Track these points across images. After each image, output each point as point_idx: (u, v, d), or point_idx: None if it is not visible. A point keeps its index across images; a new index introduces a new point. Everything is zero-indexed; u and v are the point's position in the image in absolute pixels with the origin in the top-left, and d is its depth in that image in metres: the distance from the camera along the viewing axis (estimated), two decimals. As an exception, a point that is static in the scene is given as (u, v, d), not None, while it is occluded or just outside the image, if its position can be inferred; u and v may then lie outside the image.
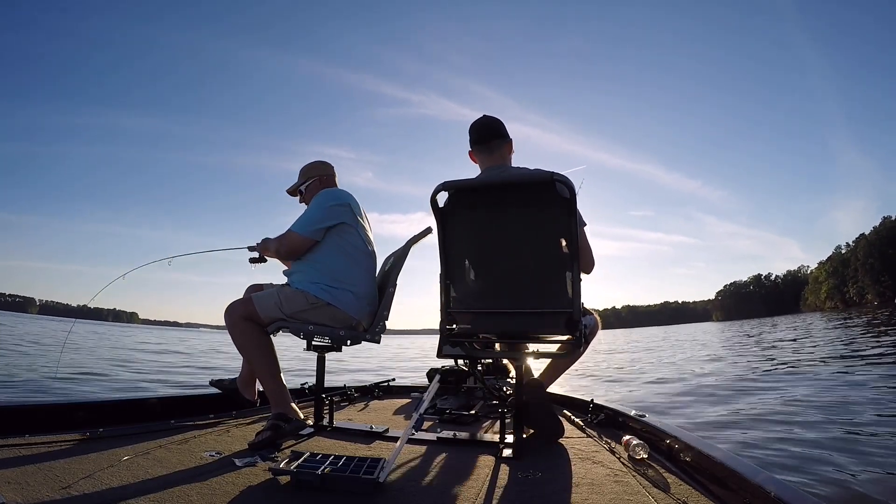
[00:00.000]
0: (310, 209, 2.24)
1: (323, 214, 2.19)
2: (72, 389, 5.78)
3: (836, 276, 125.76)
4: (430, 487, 1.48)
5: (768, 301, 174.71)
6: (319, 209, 2.20)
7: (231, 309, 2.05)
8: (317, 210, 2.20)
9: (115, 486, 1.36)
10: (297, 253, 2.24)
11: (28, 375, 6.53)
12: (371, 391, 3.25)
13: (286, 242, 2.20)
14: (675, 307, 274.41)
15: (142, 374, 7.98)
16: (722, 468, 1.42)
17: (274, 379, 2.04)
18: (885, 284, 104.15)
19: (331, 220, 2.18)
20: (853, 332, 12.80)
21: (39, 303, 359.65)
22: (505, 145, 2.08)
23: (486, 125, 2.08)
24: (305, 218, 2.21)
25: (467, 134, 2.11)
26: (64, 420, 1.97)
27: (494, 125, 2.08)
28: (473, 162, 2.13)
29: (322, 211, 2.19)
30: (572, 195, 1.64)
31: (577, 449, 1.92)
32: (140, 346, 16.92)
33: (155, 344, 19.56)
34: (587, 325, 1.99)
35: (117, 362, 9.79)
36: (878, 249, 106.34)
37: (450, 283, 1.90)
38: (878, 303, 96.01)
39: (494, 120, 2.10)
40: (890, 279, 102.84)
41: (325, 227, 2.18)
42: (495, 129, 2.08)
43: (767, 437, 3.41)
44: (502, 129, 2.08)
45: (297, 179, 2.42)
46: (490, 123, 2.09)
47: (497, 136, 2.07)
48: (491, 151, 2.06)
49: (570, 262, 1.71)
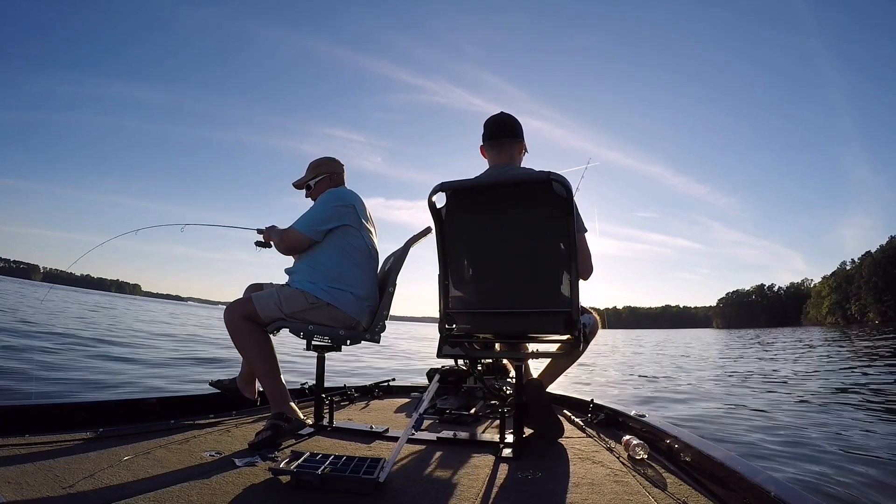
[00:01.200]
0: (315, 208, 2.23)
1: (327, 215, 2.18)
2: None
3: (839, 292, 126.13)
4: (429, 487, 1.48)
5: (769, 312, 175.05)
6: (324, 209, 2.20)
7: (231, 309, 2.05)
8: (321, 210, 2.20)
9: (116, 486, 1.36)
10: (295, 250, 2.25)
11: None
12: (371, 391, 3.25)
13: (287, 238, 2.21)
14: (675, 311, 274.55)
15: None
16: (722, 468, 1.42)
17: (274, 379, 2.04)
18: (888, 304, 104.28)
19: (334, 222, 2.18)
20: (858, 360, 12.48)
21: (43, 270, 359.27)
22: (516, 145, 2.06)
23: (501, 122, 2.07)
24: (309, 216, 2.21)
25: (478, 125, 2.10)
26: (64, 420, 1.97)
27: (509, 123, 2.07)
28: (483, 157, 2.12)
29: (326, 211, 2.19)
30: (569, 195, 1.64)
31: (577, 449, 1.92)
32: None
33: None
34: (587, 324, 1.99)
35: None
36: (884, 268, 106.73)
37: (448, 284, 1.91)
38: (880, 321, 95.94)
39: (510, 118, 2.08)
40: (893, 298, 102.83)
41: (327, 229, 2.18)
42: (508, 127, 2.06)
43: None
44: (516, 129, 2.07)
45: (306, 174, 2.41)
46: (505, 121, 2.07)
47: (509, 134, 2.05)
48: (500, 149, 2.05)
49: (568, 261, 1.71)
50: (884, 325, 70.12)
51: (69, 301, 25.93)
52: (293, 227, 2.21)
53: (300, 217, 2.23)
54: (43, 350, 6.52)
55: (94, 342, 8.15)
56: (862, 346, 18.19)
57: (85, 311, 18.72)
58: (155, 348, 8.50)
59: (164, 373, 5.86)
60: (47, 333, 8.42)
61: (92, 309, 20.43)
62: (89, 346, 7.50)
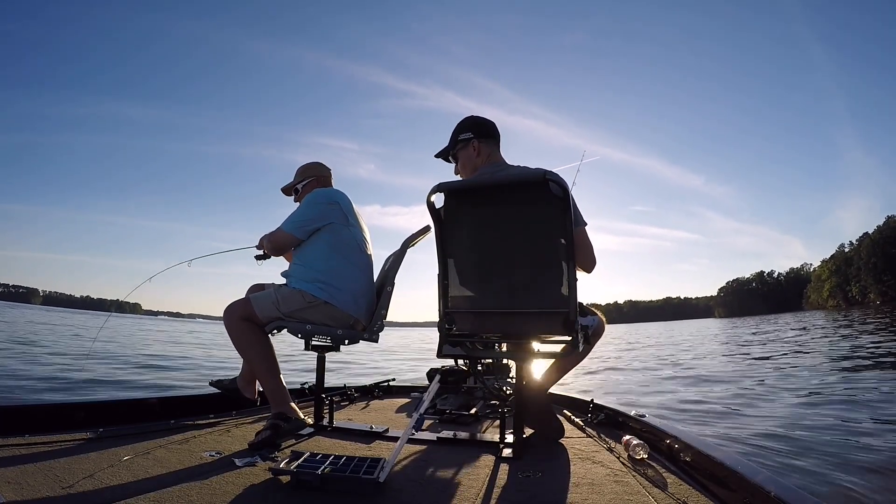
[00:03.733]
0: (301, 208, 2.26)
1: (313, 214, 2.20)
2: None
3: (838, 275, 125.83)
4: (429, 487, 1.48)
5: (771, 299, 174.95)
6: (308, 208, 2.21)
7: (230, 310, 2.05)
8: (307, 210, 2.22)
9: (115, 486, 1.36)
10: (283, 250, 2.31)
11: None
12: (371, 391, 3.25)
13: (274, 239, 2.26)
14: (676, 303, 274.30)
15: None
16: (722, 468, 1.42)
17: (273, 378, 2.04)
18: (888, 283, 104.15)
19: (320, 221, 2.19)
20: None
21: (43, 293, 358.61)
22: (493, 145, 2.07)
23: (484, 123, 2.07)
24: (295, 217, 2.23)
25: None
26: (64, 420, 1.97)
27: (488, 123, 2.08)
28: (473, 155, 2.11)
29: (311, 210, 2.20)
30: (566, 194, 1.64)
31: (577, 449, 1.92)
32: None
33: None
34: (590, 325, 1.98)
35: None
36: (882, 249, 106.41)
37: (447, 284, 1.91)
38: (881, 302, 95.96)
39: (482, 118, 2.09)
40: (892, 278, 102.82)
41: (313, 228, 2.19)
42: (490, 127, 2.07)
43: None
44: (491, 129, 2.08)
45: (294, 178, 2.43)
46: (486, 122, 2.08)
47: (495, 135, 2.07)
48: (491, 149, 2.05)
49: (566, 261, 1.71)
50: (885, 305, 69.88)
51: (94, 325, 24.79)
52: (280, 227, 2.24)
53: (287, 218, 2.25)
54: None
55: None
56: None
57: (146, 335, 17.98)
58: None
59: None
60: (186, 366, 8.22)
61: (145, 332, 19.30)
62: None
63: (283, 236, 2.22)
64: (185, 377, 6.92)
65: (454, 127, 2.10)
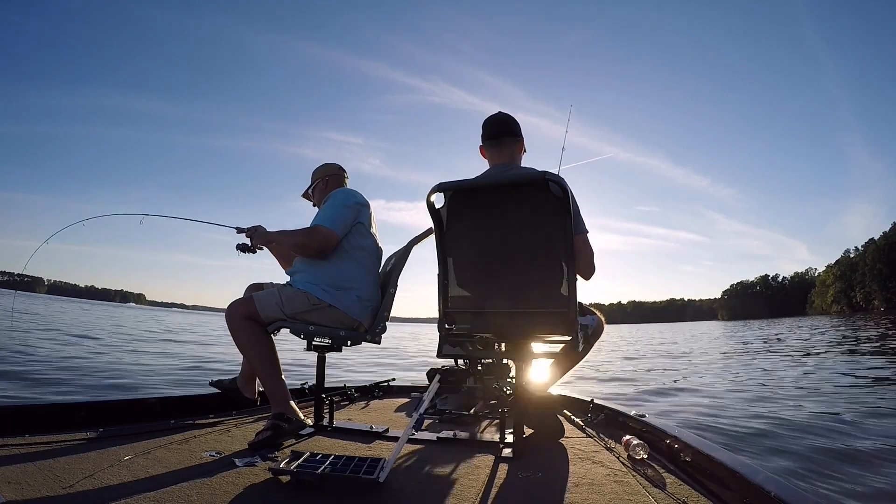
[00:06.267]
0: (334, 207, 2.17)
1: (350, 214, 2.17)
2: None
3: (843, 280, 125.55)
4: (429, 487, 1.48)
5: (774, 302, 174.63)
6: (345, 207, 2.17)
7: (232, 308, 2.05)
8: (342, 208, 2.17)
9: (116, 486, 1.36)
10: (328, 249, 2.12)
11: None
12: (371, 391, 3.25)
13: (318, 238, 2.08)
14: (680, 304, 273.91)
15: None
16: (722, 468, 1.42)
17: (274, 378, 2.04)
18: (893, 290, 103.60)
19: (353, 222, 2.17)
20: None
21: (48, 283, 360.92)
22: (516, 144, 2.05)
23: (499, 122, 2.06)
24: (333, 215, 2.13)
25: (476, 124, 2.10)
26: (64, 420, 1.97)
27: (507, 122, 2.06)
28: (483, 157, 2.11)
29: (347, 210, 2.17)
30: (566, 195, 1.64)
31: (577, 449, 1.92)
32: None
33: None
34: (589, 325, 1.98)
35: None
36: (887, 255, 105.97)
37: (447, 284, 1.91)
38: (885, 308, 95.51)
39: (508, 117, 2.07)
40: None
41: (350, 227, 2.16)
42: (507, 126, 2.05)
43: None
44: (515, 128, 2.06)
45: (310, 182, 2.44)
46: (503, 120, 2.06)
47: (508, 133, 2.04)
48: (500, 149, 2.04)
49: (565, 261, 1.71)
50: (889, 312, 69.29)
51: (107, 315, 23.88)
52: (321, 225, 2.10)
53: (319, 217, 2.17)
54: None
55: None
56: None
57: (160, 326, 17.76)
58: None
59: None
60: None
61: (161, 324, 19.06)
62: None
63: (331, 235, 2.08)
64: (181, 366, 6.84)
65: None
